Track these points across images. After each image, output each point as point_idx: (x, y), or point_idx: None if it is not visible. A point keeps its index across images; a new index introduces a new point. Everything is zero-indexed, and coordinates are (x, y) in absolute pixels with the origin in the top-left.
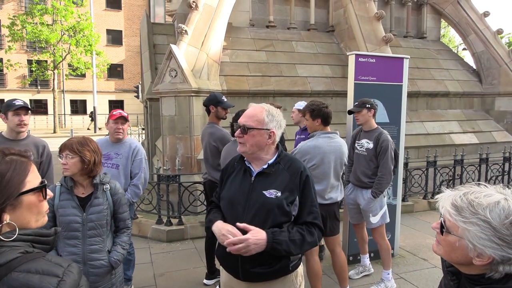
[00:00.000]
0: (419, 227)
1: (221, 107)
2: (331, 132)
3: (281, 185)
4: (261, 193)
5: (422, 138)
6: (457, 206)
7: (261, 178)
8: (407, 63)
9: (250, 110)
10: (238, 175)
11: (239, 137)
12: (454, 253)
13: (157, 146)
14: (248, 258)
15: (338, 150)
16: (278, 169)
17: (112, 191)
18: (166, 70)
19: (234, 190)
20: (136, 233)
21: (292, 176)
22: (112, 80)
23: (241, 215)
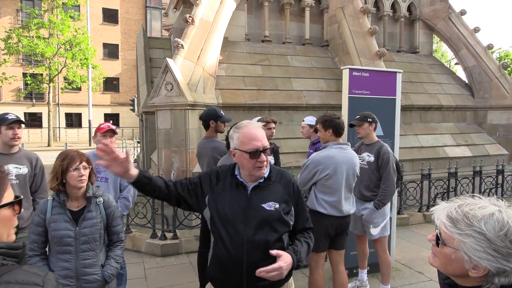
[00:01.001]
0: (415, 240)
1: (221, 121)
2: (343, 143)
3: (278, 197)
4: (260, 207)
5: (416, 151)
6: (453, 218)
7: (257, 191)
8: (400, 77)
9: (259, 131)
10: (227, 189)
11: (264, 161)
12: (450, 265)
13: (152, 159)
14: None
15: (351, 161)
16: (272, 182)
17: (105, 204)
18: (162, 84)
19: (229, 206)
20: (130, 248)
21: (285, 187)
22: (108, 94)
23: (243, 231)
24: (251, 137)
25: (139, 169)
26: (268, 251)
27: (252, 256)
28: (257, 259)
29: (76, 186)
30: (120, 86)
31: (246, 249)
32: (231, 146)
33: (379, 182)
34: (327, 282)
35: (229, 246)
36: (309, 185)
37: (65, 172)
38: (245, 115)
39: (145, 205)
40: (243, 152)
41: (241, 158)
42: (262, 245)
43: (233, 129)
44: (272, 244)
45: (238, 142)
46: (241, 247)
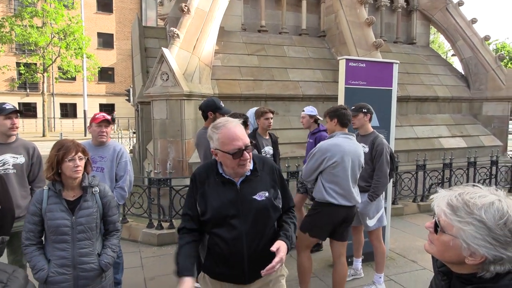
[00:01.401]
0: (409, 230)
1: (220, 113)
2: (349, 133)
3: (265, 185)
4: (252, 199)
5: (411, 142)
6: (453, 205)
7: (246, 185)
8: (396, 68)
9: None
10: (215, 188)
11: (247, 159)
12: (447, 252)
13: (148, 149)
14: (257, 260)
15: (357, 152)
16: (258, 173)
17: (101, 193)
18: (158, 74)
19: (220, 204)
20: (126, 237)
21: (269, 174)
22: (103, 84)
23: (240, 226)
24: (232, 137)
25: (184, 273)
26: (266, 237)
27: (252, 247)
28: (257, 249)
29: (72, 176)
30: (115, 76)
31: (245, 242)
32: (211, 146)
33: (373, 173)
34: (324, 270)
35: (228, 241)
36: (315, 175)
37: (61, 163)
38: (241, 106)
39: (141, 195)
40: (225, 153)
41: (223, 158)
42: (260, 234)
43: (211, 129)
44: (268, 231)
45: (218, 143)
46: (240, 240)
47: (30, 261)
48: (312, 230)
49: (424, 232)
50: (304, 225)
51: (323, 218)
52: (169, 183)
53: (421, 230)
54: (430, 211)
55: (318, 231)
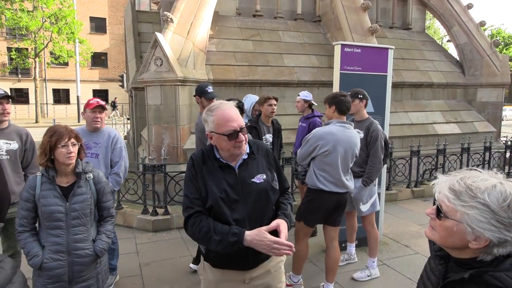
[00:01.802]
0: (403, 215)
1: (205, 98)
2: (346, 122)
3: (262, 168)
4: (251, 182)
5: (406, 128)
6: (456, 190)
7: (243, 168)
8: (391, 53)
9: (233, 111)
10: (213, 173)
11: (243, 141)
12: (450, 238)
13: (142, 136)
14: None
15: (352, 141)
16: (255, 156)
17: (95, 179)
18: (151, 59)
19: (220, 188)
20: (121, 223)
21: (265, 157)
22: (96, 69)
23: (241, 209)
24: (227, 118)
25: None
26: (267, 220)
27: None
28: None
29: (65, 163)
30: (108, 61)
31: (248, 225)
32: (206, 130)
33: (367, 159)
34: (317, 255)
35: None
36: (308, 159)
37: (54, 149)
38: (236, 92)
39: (136, 181)
40: (220, 135)
41: (219, 140)
42: (261, 217)
43: (206, 112)
44: (268, 213)
45: (213, 125)
46: (243, 224)
47: (24, 247)
48: (307, 218)
49: (417, 217)
50: (299, 213)
51: (315, 204)
52: (164, 169)
53: (415, 216)
54: (423, 196)
55: (311, 219)
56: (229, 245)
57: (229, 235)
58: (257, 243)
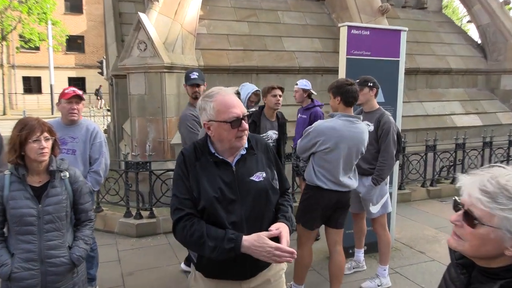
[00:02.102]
0: (417, 217)
1: (188, 84)
2: (353, 116)
3: (261, 165)
4: (249, 180)
5: (421, 120)
6: (490, 192)
7: (241, 165)
8: (404, 36)
9: (234, 98)
10: (207, 171)
11: (246, 130)
12: (484, 246)
13: (124, 129)
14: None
15: (358, 137)
16: (253, 150)
17: (72, 179)
18: (134, 43)
19: (215, 187)
20: (101, 228)
21: (264, 153)
22: (71, 54)
23: (239, 211)
24: (229, 104)
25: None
26: (266, 223)
27: (253, 233)
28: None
29: (37, 159)
30: (85, 46)
31: (246, 229)
32: (203, 119)
33: (378, 154)
34: (321, 262)
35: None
36: (307, 154)
37: (24, 144)
38: (230, 79)
39: (117, 180)
40: (222, 122)
41: (219, 130)
42: (260, 219)
43: (202, 99)
44: (268, 215)
45: (213, 112)
46: (241, 227)
47: None
48: (305, 218)
49: (433, 220)
50: (298, 214)
51: (312, 202)
52: (149, 167)
53: (430, 218)
54: (440, 197)
55: (309, 219)
56: (224, 252)
57: (224, 240)
58: (255, 249)
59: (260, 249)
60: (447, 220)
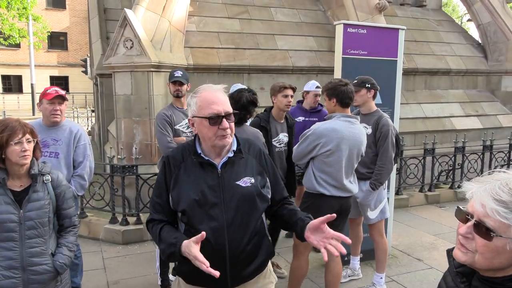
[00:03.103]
0: (415, 224)
1: (172, 83)
2: (351, 116)
3: (251, 170)
4: (235, 185)
5: (419, 122)
6: (505, 201)
7: (228, 168)
8: (403, 35)
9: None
10: (191, 171)
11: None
12: (498, 258)
13: (109, 131)
14: (240, 258)
15: (357, 139)
16: (243, 155)
17: (54, 183)
18: (120, 40)
19: (197, 189)
20: (85, 235)
21: (256, 158)
22: (53, 52)
23: (220, 216)
24: (211, 100)
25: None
26: (250, 231)
27: (235, 241)
28: (240, 244)
29: (19, 162)
30: (68, 43)
31: (227, 236)
32: (189, 115)
33: (376, 158)
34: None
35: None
36: (306, 159)
37: (5, 147)
38: (220, 79)
39: (103, 185)
40: (202, 118)
41: (200, 126)
42: (244, 227)
43: (191, 95)
44: (254, 224)
45: (196, 107)
46: (221, 234)
47: None
48: None
49: (432, 226)
50: None
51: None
52: (135, 170)
53: (429, 224)
54: (439, 202)
55: None
56: (169, 256)
57: (167, 244)
58: (188, 256)
59: (189, 256)
60: (446, 227)
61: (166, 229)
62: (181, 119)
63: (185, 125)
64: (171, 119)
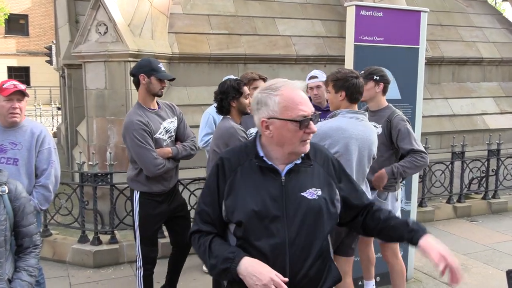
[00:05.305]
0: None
1: (156, 77)
2: (359, 112)
3: (318, 181)
4: (299, 197)
5: (446, 121)
6: None
7: (292, 176)
8: (425, 18)
9: (303, 94)
10: (249, 177)
11: (314, 131)
12: None
13: (79, 132)
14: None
15: (367, 137)
16: (310, 160)
17: (12, 195)
18: (92, 25)
19: (257, 199)
20: (49, 256)
21: (324, 166)
22: (12, 38)
23: (283, 232)
24: (298, 100)
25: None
26: (315, 253)
27: (297, 263)
28: (303, 267)
29: None
30: (30, 27)
31: (289, 255)
32: (261, 115)
33: (387, 163)
34: None
35: (266, 252)
36: None
37: None
38: (211, 71)
39: (70, 197)
40: (288, 121)
41: (282, 130)
42: (308, 246)
43: (263, 91)
44: (319, 245)
45: (278, 108)
46: (282, 253)
47: None
48: None
49: (462, 244)
50: None
51: None
52: (110, 179)
53: (458, 241)
54: (470, 215)
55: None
56: (220, 273)
57: (221, 259)
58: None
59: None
60: (478, 244)
61: (218, 241)
62: (158, 125)
63: (163, 131)
64: (149, 127)
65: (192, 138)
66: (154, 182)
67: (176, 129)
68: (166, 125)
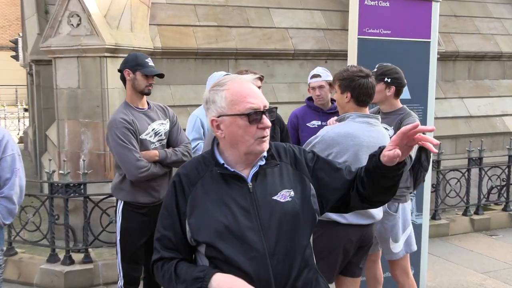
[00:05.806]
0: (457, 258)
1: (142, 73)
2: (371, 115)
3: (289, 180)
4: (272, 201)
5: (461, 123)
6: None
7: (259, 181)
8: (437, 8)
9: (253, 87)
10: (212, 188)
11: (268, 127)
12: None
13: (49, 137)
14: None
15: (380, 145)
16: (275, 159)
17: None
18: (64, 16)
19: (224, 211)
20: (14, 278)
21: (291, 162)
22: None
23: (260, 243)
24: (246, 93)
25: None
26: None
27: (282, 275)
28: (288, 279)
29: None
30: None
31: (272, 267)
32: (211, 115)
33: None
34: None
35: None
36: None
37: None
38: (198, 67)
39: (38, 210)
40: (236, 116)
41: (232, 127)
42: (291, 255)
43: (211, 89)
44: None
45: (225, 103)
46: (264, 265)
47: None
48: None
49: (480, 261)
50: None
51: (326, 245)
52: (83, 190)
53: (476, 258)
54: (489, 229)
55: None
56: None
57: (192, 281)
58: None
59: None
60: (499, 262)
61: (185, 264)
62: (146, 125)
63: (152, 133)
64: (134, 126)
65: (186, 143)
66: (140, 191)
67: (167, 133)
68: (155, 127)
